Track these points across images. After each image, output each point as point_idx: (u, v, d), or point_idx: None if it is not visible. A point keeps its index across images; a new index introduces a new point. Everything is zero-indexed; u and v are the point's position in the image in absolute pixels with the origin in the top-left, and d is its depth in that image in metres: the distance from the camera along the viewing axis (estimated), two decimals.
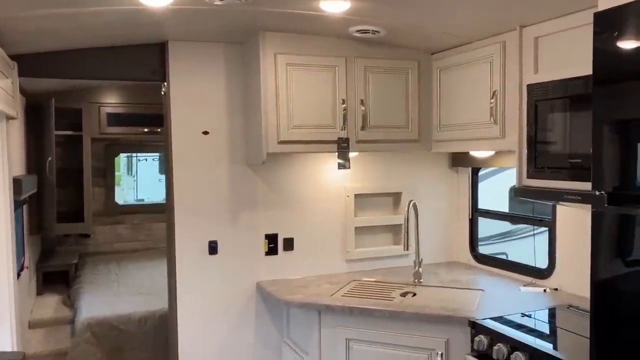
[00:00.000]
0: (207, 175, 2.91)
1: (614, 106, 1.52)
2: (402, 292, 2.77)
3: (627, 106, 1.47)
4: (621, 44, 1.47)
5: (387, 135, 2.88)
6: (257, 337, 3.03)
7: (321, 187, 3.16)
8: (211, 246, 2.92)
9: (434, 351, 2.38)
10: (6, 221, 2.35)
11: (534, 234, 2.97)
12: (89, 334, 3.22)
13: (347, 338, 2.55)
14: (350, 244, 3.22)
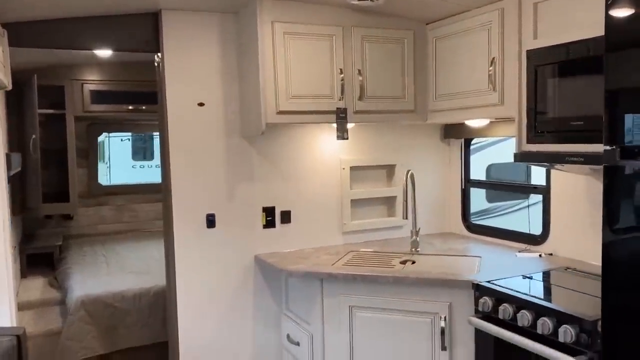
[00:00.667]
0: (203, 147, 2.87)
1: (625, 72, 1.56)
2: (401, 260, 2.80)
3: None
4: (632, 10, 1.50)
5: (384, 105, 2.88)
6: (256, 309, 3.03)
7: (317, 160, 3.15)
8: (209, 219, 2.90)
9: (437, 315, 2.42)
10: (2, 197, 2.29)
11: (525, 207, 3.03)
12: (83, 312, 3.17)
13: (350, 306, 2.57)
14: (347, 216, 3.24)
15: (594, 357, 1.80)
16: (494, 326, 2.14)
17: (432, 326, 2.44)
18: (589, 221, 2.58)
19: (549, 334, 1.93)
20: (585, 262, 2.56)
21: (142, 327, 3.31)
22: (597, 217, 2.52)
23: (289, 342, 2.92)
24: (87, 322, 3.19)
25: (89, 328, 3.18)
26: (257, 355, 3.04)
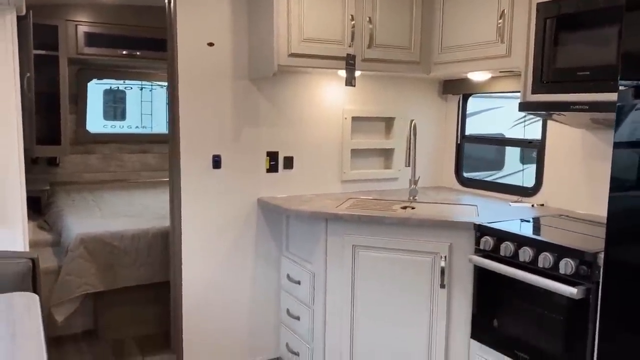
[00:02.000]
0: (211, 89, 2.89)
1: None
2: (401, 206, 2.91)
3: None
4: None
5: (391, 54, 2.94)
6: (257, 251, 3.11)
7: (321, 108, 3.21)
8: (215, 160, 2.94)
9: (437, 255, 2.54)
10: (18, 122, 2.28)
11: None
12: (82, 249, 3.19)
13: (354, 245, 2.67)
14: (346, 166, 3.32)
15: (592, 287, 1.94)
16: (495, 262, 2.27)
17: (432, 265, 2.56)
18: (582, 173, 2.72)
19: (549, 268, 2.07)
20: (576, 212, 2.71)
21: (140, 267, 3.36)
22: (590, 169, 2.68)
23: (289, 281, 3.02)
24: (86, 259, 3.21)
25: (88, 265, 3.21)
26: (257, 294, 3.13)
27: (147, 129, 5.92)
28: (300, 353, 2.96)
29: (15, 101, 2.27)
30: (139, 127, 6.05)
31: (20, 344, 1.39)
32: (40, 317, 1.59)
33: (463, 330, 2.54)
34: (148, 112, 6.23)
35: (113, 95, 6.32)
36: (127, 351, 3.29)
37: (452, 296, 2.56)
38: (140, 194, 4.71)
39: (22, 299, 1.74)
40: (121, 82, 5.65)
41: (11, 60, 2.25)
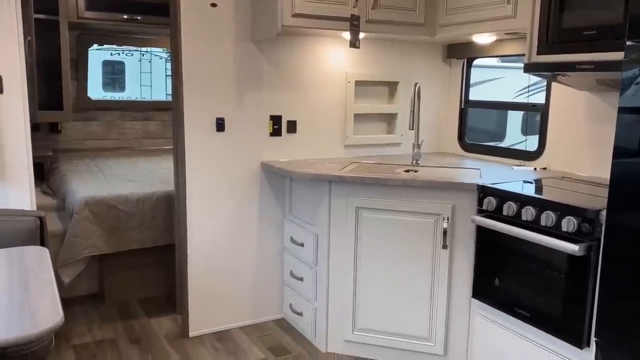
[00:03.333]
0: (215, 51, 2.87)
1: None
2: (404, 170, 2.93)
3: None
4: None
5: (395, 16, 2.91)
6: (260, 214, 3.13)
7: (324, 72, 3.20)
8: (218, 123, 2.94)
9: (440, 216, 2.57)
10: (23, 84, 2.28)
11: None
12: (87, 212, 3.21)
13: (357, 207, 2.69)
14: (349, 130, 3.32)
15: (594, 244, 1.97)
16: (498, 222, 2.30)
17: (434, 226, 2.59)
18: (585, 137, 2.73)
19: (551, 226, 2.09)
20: (578, 175, 2.73)
21: (145, 230, 3.38)
22: (593, 132, 2.69)
23: (292, 243, 3.05)
24: (91, 221, 3.24)
25: (94, 228, 3.24)
26: (261, 256, 3.17)
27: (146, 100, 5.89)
28: (304, 313, 3.01)
29: (20, 65, 2.27)
30: (139, 98, 6.02)
31: (34, 292, 1.42)
32: (51, 267, 1.62)
33: (464, 289, 2.58)
34: (147, 84, 6.20)
35: (112, 66, 6.28)
36: (132, 313, 3.35)
37: (454, 257, 2.59)
38: (143, 161, 4.71)
39: (33, 251, 1.77)
40: (121, 50, 5.60)
41: (15, 23, 2.23)
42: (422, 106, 3.43)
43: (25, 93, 2.29)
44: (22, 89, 2.27)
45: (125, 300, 3.52)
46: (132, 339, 3.00)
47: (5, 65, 2.24)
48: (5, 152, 2.31)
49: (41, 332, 1.20)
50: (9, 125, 2.29)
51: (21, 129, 2.29)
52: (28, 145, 2.33)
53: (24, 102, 2.29)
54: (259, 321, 3.21)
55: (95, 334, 3.05)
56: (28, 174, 2.34)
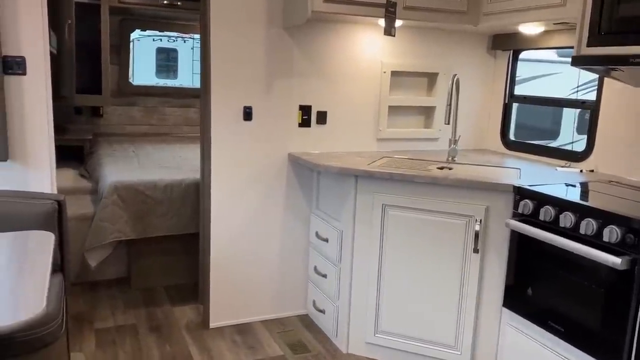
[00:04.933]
0: (244, 38, 2.78)
1: None
2: (437, 167, 2.76)
3: None
4: None
5: (436, 2, 2.73)
6: (286, 206, 3.04)
7: (358, 61, 3.06)
8: (246, 111, 2.86)
9: (472, 218, 2.40)
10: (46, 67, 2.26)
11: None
12: (116, 196, 3.22)
13: (384, 204, 2.56)
14: (383, 123, 3.18)
15: (639, 258, 1.77)
16: (534, 228, 2.12)
17: (466, 228, 2.43)
18: (638, 138, 2.49)
19: (592, 235, 1.90)
20: (628, 179, 2.50)
21: (172, 217, 3.36)
22: None
23: (317, 238, 2.95)
24: (119, 206, 3.24)
25: (121, 213, 3.24)
26: (285, 250, 3.08)
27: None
28: (326, 311, 2.91)
29: (44, 47, 2.24)
30: (190, 85, 6.07)
31: (26, 279, 1.37)
32: (51, 254, 1.57)
33: (495, 297, 2.41)
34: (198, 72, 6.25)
35: (166, 53, 6.35)
36: (156, 300, 3.34)
37: (485, 262, 2.42)
38: (181, 148, 4.72)
39: (39, 236, 1.73)
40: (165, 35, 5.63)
41: (39, 5, 2.21)
42: (463, 100, 3.24)
43: (48, 76, 2.27)
44: (44, 72, 2.26)
45: (151, 286, 3.52)
46: (153, 327, 2.98)
47: (29, 48, 2.23)
48: (26, 135, 2.31)
49: (19, 325, 1.14)
50: (31, 107, 2.28)
51: (43, 111, 2.28)
52: (50, 127, 2.31)
53: (47, 84, 2.27)
54: (281, 316, 3.13)
55: (117, 319, 3.05)
56: (49, 156, 2.33)
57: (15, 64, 2.19)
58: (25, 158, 2.31)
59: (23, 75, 2.23)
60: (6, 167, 2.29)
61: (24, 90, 2.25)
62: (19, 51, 2.21)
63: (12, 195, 2.19)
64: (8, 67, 2.18)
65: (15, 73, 2.20)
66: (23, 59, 2.21)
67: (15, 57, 2.19)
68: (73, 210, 3.52)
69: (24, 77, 2.23)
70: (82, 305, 3.20)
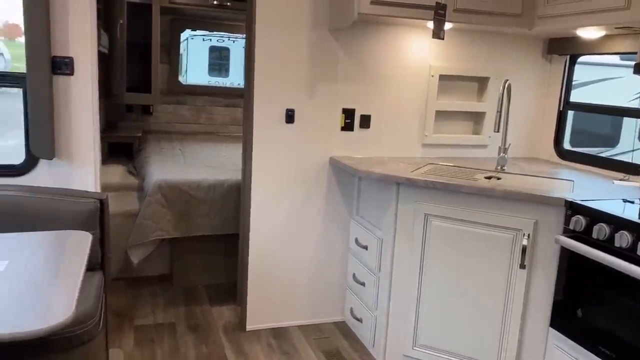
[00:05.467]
0: (288, 39, 2.75)
1: None
2: (485, 176, 2.65)
3: None
4: None
5: (488, 5, 2.62)
6: (326, 211, 3.00)
7: (404, 64, 2.97)
8: (288, 114, 2.83)
9: (520, 232, 2.28)
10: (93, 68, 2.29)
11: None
12: (159, 195, 3.26)
13: (426, 213, 2.47)
14: (429, 128, 3.08)
15: None
16: (586, 246, 1.98)
17: (512, 242, 2.31)
18: None
19: None
20: None
21: (214, 217, 3.38)
22: None
23: (357, 245, 2.89)
24: (163, 205, 3.28)
25: (164, 211, 3.28)
26: (324, 255, 3.04)
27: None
28: (364, 320, 2.84)
29: (91, 48, 2.28)
30: (241, 84, 6.14)
31: (59, 281, 1.38)
32: (86, 257, 1.58)
33: (541, 316, 2.28)
34: None
35: (219, 52, 6.44)
36: (196, 299, 3.36)
37: (532, 278, 2.30)
38: (226, 147, 4.75)
39: (77, 236, 1.75)
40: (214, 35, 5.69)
41: (87, 6, 2.24)
42: (515, 106, 3.10)
43: (95, 76, 2.31)
44: (92, 72, 2.29)
45: (193, 284, 3.55)
46: (191, 326, 3.00)
47: (77, 48, 2.27)
48: (72, 133, 2.35)
49: (48, 329, 1.15)
50: (78, 106, 2.32)
51: (89, 110, 2.31)
52: (95, 127, 2.35)
53: (93, 84, 2.31)
54: (319, 321, 3.09)
55: (157, 317, 3.09)
56: (94, 155, 2.37)
57: (63, 64, 2.24)
58: (70, 156, 2.36)
59: (71, 75, 2.27)
60: (52, 164, 2.34)
61: (71, 89, 2.30)
62: (68, 52, 2.26)
63: (57, 193, 2.23)
64: (57, 67, 2.23)
65: (64, 73, 2.25)
66: (71, 59, 2.26)
67: (64, 57, 2.24)
68: (119, 206, 3.60)
69: (71, 77, 2.28)
70: (124, 301, 3.26)
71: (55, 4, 2.21)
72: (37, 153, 2.24)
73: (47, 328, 1.15)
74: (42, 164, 2.33)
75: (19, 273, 1.41)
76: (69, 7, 2.23)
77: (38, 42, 2.10)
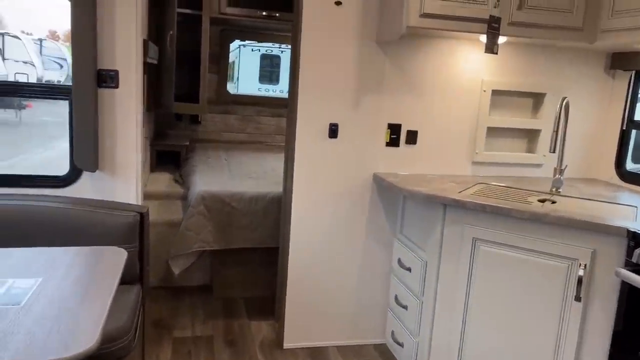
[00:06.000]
0: (334, 51, 2.69)
1: None
2: (539, 198, 2.49)
3: None
4: None
5: (546, 18, 2.47)
6: (368, 229, 2.90)
7: (455, 78, 2.85)
8: (332, 129, 2.76)
9: (576, 261, 2.12)
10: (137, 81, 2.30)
11: None
12: (202, 206, 3.26)
13: (474, 237, 2.34)
14: (480, 145, 2.94)
15: None
16: None
17: (567, 273, 2.15)
18: None
19: None
20: None
21: (255, 230, 3.35)
22: None
23: (399, 266, 2.78)
24: (205, 216, 3.28)
25: (206, 223, 3.28)
26: (365, 274, 2.95)
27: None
28: (405, 345, 2.72)
29: (136, 61, 2.29)
30: None
31: (87, 304, 1.36)
32: (119, 274, 1.56)
33: (598, 355, 2.11)
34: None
35: (270, 59, 6.48)
36: (235, 312, 3.33)
37: (589, 312, 2.12)
38: (272, 158, 4.74)
39: (112, 254, 1.73)
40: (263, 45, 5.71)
41: (133, 21, 2.25)
42: (573, 124, 2.92)
43: (139, 89, 2.32)
44: (136, 85, 2.30)
45: (232, 296, 3.52)
46: (228, 340, 2.96)
47: (122, 61, 2.28)
48: (116, 146, 2.36)
49: (70, 358, 1.11)
50: (122, 119, 2.34)
51: (133, 123, 2.32)
52: (138, 139, 2.35)
53: (137, 97, 2.31)
54: (358, 343, 3.00)
55: (195, 329, 3.07)
56: (136, 167, 2.37)
57: (108, 77, 2.25)
58: (114, 168, 2.37)
59: (115, 88, 2.28)
60: (96, 176, 2.36)
61: (116, 102, 2.31)
62: (114, 64, 2.28)
63: (99, 206, 2.24)
64: (102, 80, 2.25)
65: (108, 86, 2.27)
66: (116, 72, 2.27)
67: (109, 70, 2.26)
68: (163, 215, 3.63)
69: (116, 90, 2.29)
70: (164, 311, 3.27)
71: (103, 18, 2.23)
72: (80, 165, 2.26)
73: (69, 357, 1.12)
74: (85, 175, 2.36)
75: (50, 295, 1.39)
76: (115, 21, 2.24)
77: (84, 56, 2.12)
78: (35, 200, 2.17)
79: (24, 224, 2.10)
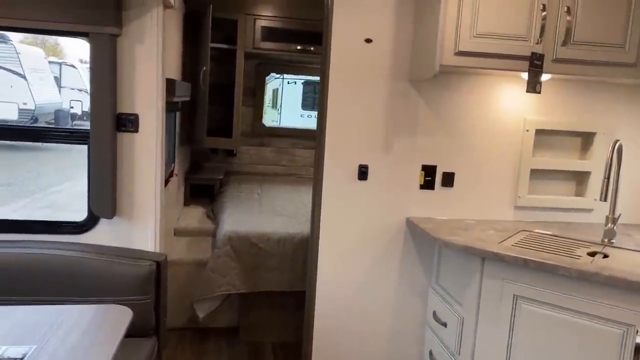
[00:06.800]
0: (364, 90, 2.56)
1: None
2: (589, 251, 2.25)
3: None
4: None
5: (594, 55, 2.28)
6: (401, 277, 2.72)
7: (495, 117, 2.67)
8: (361, 171, 2.61)
9: (632, 327, 1.87)
10: (158, 124, 2.23)
11: None
12: (228, 247, 3.16)
13: (515, 294, 2.12)
14: (523, 188, 2.73)
15: None
16: None
17: (622, 339, 1.90)
18: None
19: None
20: None
21: (282, 272, 3.22)
22: None
23: (435, 320, 2.57)
24: (231, 257, 3.17)
25: (233, 264, 3.17)
26: (397, 325, 2.75)
27: None
28: None
29: (157, 105, 2.22)
30: None
31: None
32: (121, 337, 1.45)
33: None
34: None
35: (313, 86, 6.47)
36: (262, 356, 3.18)
37: None
38: (305, 190, 4.62)
39: (117, 313, 1.63)
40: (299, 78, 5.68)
41: (154, 59, 2.19)
42: (627, 167, 2.66)
43: (160, 132, 2.24)
44: (156, 129, 2.23)
45: (259, 340, 3.38)
46: None
47: (142, 104, 2.22)
48: (135, 191, 2.29)
49: None
50: (141, 163, 2.27)
51: (152, 167, 2.25)
52: (157, 184, 2.27)
53: (157, 140, 2.24)
54: None
55: None
56: (155, 213, 2.29)
57: (128, 121, 2.19)
58: (131, 214, 2.29)
59: (135, 132, 2.22)
60: (113, 222, 2.29)
61: (135, 147, 2.25)
62: (133, 108, 2.22)
63: (114, 254, 2.16)
64: (121, 124, 2.19)
65: (128, 130, 2.20)
66: (136, 116, 2.21)
67: (129, 114, 2.20)
68: (192, 254, 3.56)
69: (135, 134, 2.22)
70: (189, 355, 3.15)
71: (123, 62, 2.18)
72: (97, 212, 2.19)
73: None
74: (104, 221, 2.29)
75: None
76: (136, 65, 2.19)
77: (103, 101, 2.06)
78: (50, 248, 2.11)
79: (37, 273, 2.04)
